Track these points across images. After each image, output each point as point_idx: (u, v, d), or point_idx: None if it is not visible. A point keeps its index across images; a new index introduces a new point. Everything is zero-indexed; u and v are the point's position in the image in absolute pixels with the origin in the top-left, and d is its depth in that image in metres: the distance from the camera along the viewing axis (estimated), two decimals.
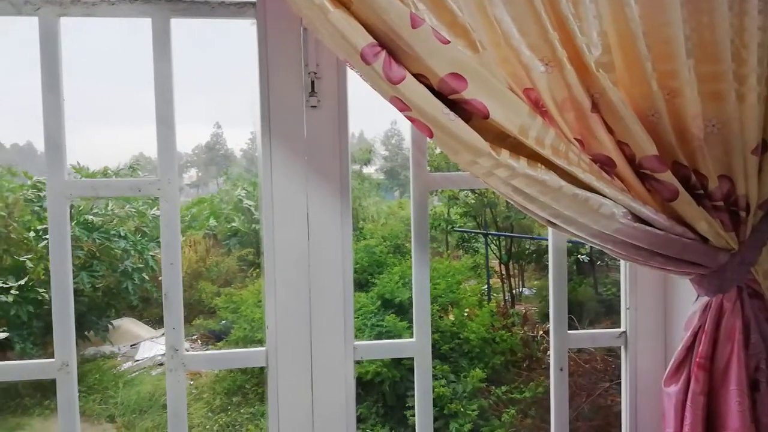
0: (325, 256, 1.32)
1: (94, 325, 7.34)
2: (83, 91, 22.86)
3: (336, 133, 1.31)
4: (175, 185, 1.29)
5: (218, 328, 8.53)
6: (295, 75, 1.29)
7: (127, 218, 8.31)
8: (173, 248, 1.29)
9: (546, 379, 5.86)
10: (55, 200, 1.25)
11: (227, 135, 38.35)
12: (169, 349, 1.30)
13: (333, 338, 1.32)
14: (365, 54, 0.96)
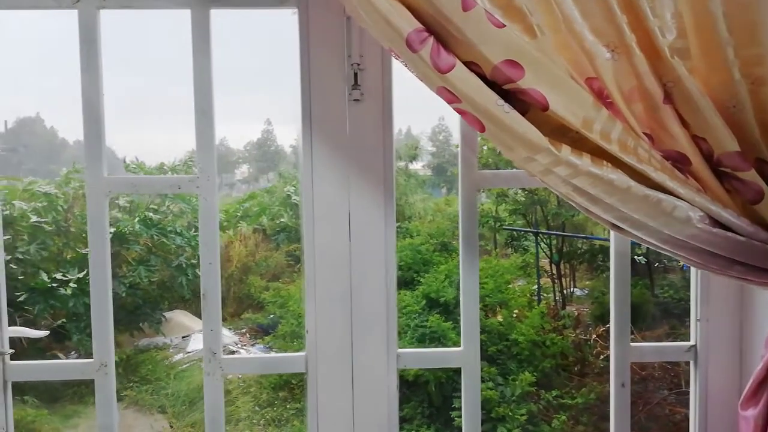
0: (367, 258, 1.25)
1: (148, 317, 7.56)
2: (141, 86, 23.58)
3: (380, 128, 1.24)
4: (213, 183, 1.24)
5: (266, 323, 8.63)
6: (338, 67, 1.22)
7: (182, 214, 8.52)
8: (212, 247, 1.25)
9: (599, 385, 5.64)
10: (93, 197, 1.23)
11: (278, 132, 38.98)
12: (207, 352, 1.26)
13: (375, 345, 1.25)
14: (411, 40, 0.88)
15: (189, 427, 5.75)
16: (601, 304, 8.39)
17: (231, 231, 11.28)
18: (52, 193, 7.51)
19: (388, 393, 1.26)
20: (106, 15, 1.24)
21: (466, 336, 1.28)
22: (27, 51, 39.91)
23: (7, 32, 31.65)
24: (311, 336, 1.25)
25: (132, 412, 6.21)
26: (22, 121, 33.77)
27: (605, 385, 5.68)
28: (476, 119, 0.92)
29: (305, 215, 1.25)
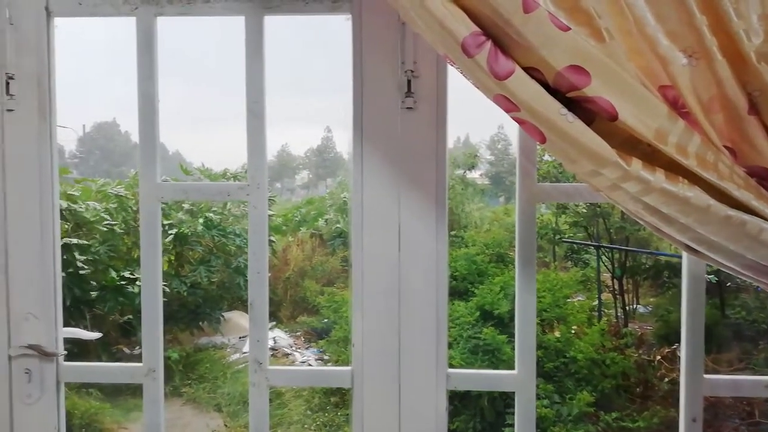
0: (417, 272, 1.20)
1: (207, 316, 7.78)
2: (208, 93, 24.08)
3: (433, 136, 1.19)
4: (264, 191, 1.23)
5: (320, 327, 8.71)
6: (391, 74, 1.18)
7: (242, 216, 8.74)
8: (261, 256, 1.23)
9: (663, 410, 5.33)
10: (146, 203, 1.24)
11: (337, 138, 39.57)
12: (252, 362, 1.24)
13: (424, 364, 1.20)
14: (467, 45, 0.82)
15: (243, 427, 5.85)
16: (667, 323, 7.97)
17: (289, 235, 11.49)
18: (122, 194, 7.86)
19: (437, 414, 1.20)
20: (167, 22, 1.25)
21: (521, 358, 1.20)
22: (106, 58, 41.66)
23: (88, 40, 33.40)
24: (357, 350, 1.21)
25: (190, 409, 6.37)
26: (99, 125, 35.59)
27: (669, 409, 5.37)
28: (536, 129, 0.86)
29: (354, 223, 1.21)
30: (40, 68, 1.22)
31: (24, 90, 1.22)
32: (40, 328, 1.24)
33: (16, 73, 1.22)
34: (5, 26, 1.21)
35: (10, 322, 1.24)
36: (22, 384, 1.24)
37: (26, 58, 1.22)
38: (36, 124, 1.22)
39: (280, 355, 8.10)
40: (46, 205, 1.23)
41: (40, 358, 1.23)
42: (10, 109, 1.22)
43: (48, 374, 1.24)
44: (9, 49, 1.21)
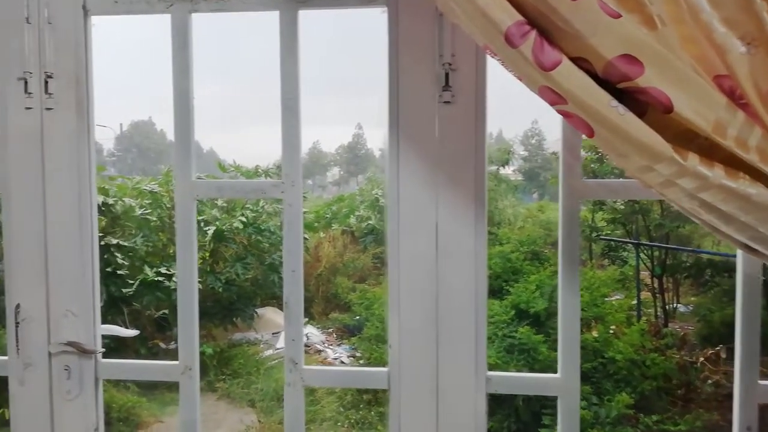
0: (455, 271, 1.16)
1: (241, 312, 7.87)
2: (238, 91, 24.18)
3: (471, 131, 1.15)
4: (298, 188, 1.21)
5: (352, 323, 8.73)
6: (428, 67, 1.15)
7: (275, 214, 8.82)
8: (296, 254, 1.22)
9: (706, 413, 5.15)
10: (182, 201, 1.24)
11: (368, 135, 39.50)
12: (288, 362, 1.23)
13: (463, 365, 1.16)
14: (511, 34, 0.78)
15: (277, 423, 5.90)
16: (709, 324, 7.71)
17: (321, 232, 11.54)
18: (156, 191, 8.02)
19: (476, 418, 1.17)
20: (201, 19, 1.24)
21: (564, 361, 1.16)
22: (143, 57, 42.71)
23: (125, 39, 34.15)
24: (394, 351, 1.18)
25: (224, 404, 6.46)
26: (135, 124, 36.42)
27: (713, 413, 5.18)
28: (584, 122, 0.81)
29: (390, 222, 1.19)
30: (77, 67, 1.23)
31: (62, 89, 1.23)
32: (79, 325, 1.25)
33: (55, 72, 1.23)
34: (43, 25, 1.22)
35: (50, 319, 1.25)
36: (61, 381, 1.25)
37: (64, 57, 1.23)
38: (74, 122, 1.23)
39: (312, 352, 8.15)
40: (85, 203, 1.24)
41: (80, 355, 1.24)
42: (49, 107, 1.23)
43: (87, 371, 1.25)
44: (47, 49, 1.22)
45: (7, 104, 1.24)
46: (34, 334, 1.25)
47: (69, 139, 1.23)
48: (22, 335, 1.24)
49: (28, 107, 1.23)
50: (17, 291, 1.25)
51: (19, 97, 1.23)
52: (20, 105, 1.23)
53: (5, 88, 1.24)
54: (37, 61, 1.22)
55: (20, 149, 1.24)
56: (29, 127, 1.24)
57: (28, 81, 1.22)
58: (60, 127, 1.23)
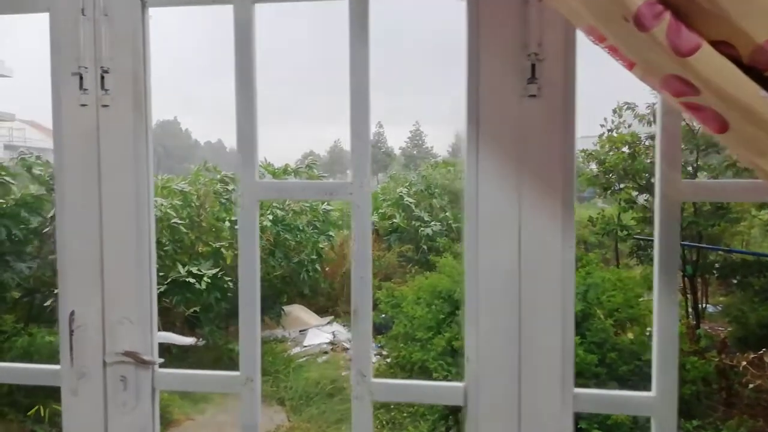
0: (540, 280, 1.07)
1: (269, 310, 7.86)
2: (264, 86, 24.63)
3: (559, 127, 1.06)
4: (368, 189, 1.13)
5: (379, 322, 8.66)
6: (511, 58, 1.06)
7: (301, 212, 8.79)
8: (364, 260, 1.14)
9: (750, 419, 4.96)
10: (247, 202, 1.17)
11: (388, 134, 39.33)
12: (356, 374, 1.15)
13: (547, 382, 1.07)
14: (642, 15, 0.69)
15: (306, 422, 5.86)
16: (743, 325, 7.48)
17: (345, 229, 11.50)
18: (185, 190, 8.03)
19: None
20: (260, 9, 1.17)
21: (660, 379, 1.06)
22: (168, 57, 43.34)
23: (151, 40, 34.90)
24: (472, 365, 1.09)
25: None
26: (162, 123, 36.93)
27: (758, 420, 4.99)
28: (717, 116, 0.71)
29: (468, 228, 1.10)
30: (135, 62, 1.16)
31: (119, 85, 1.16)
32: (136, 333, 1.19)
33: (111, 67, 1.16)
34: (99, 17, 1.15)
35: (105, 326, 1.19)
36: (117, 392, 1.19)
37: (121, 51, 1.16)
38: (131, 120, 1.17)
39: (339, 350, 8.11)
40: (143, 205, 1.17)
41: (136, 365, 1.18)
42: (105, 105, 1.17)
43: (143, 382, 1.19)
44: (104, 42, 1.15)
45: (61, 101, 1.18)
46: (88, 343, 1.19)
47: (126, 138, 1.17)
48: (76, 344, 1.18)
49: (83, 104, 1.17)
50: (72, 297, 1.19)
51: (73, 94, 1.17)
52: (75, 102, 1.17)
53: (59, 85, 1.18)
54: (92, 56, 1.16)
55: (75, 149, 1.18)
56: (84, 125, 1.17)
57: (83, 76, 1.16)
58: (116, 125, 1.17)
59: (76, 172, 1.18)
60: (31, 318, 6.20)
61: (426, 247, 11.00)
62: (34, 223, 6.32)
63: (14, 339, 5.16)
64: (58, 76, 1.18)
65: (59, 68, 1.17)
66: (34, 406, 5.07)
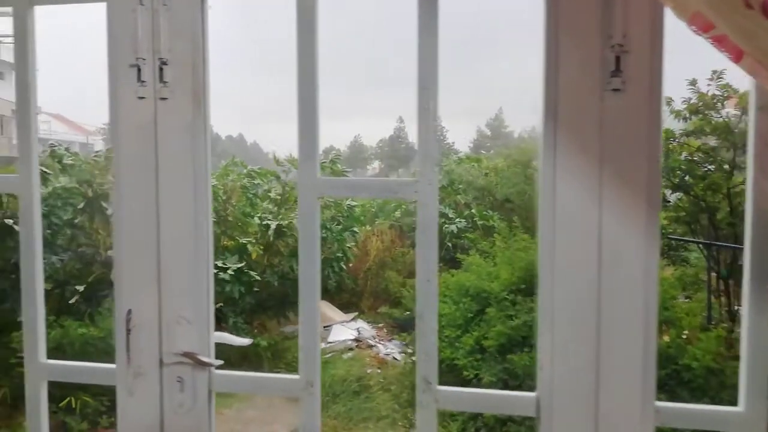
0: (620, 288, 1.01)
1: (294, 306, 7.85)
2: (285, 80, 24.92)
3: (644, 122, 0.99)
4: (434, 188, 1.08)
5: (403, 318, 8.63)
6: (593, 49, 1.00)
7: (324, 207, 8.77)
8: (430, 261, 1.08)
9: None
10: (306, 199, 1.12)
11: (410, 129, 39.32)
12: (421, 381, 1.10)
13: (627, 394, 1.01)
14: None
15: (332, 419, 5.84)
16: None
17: (368, 226, 11.47)
18: (214, 184, 8.06)
19: None
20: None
21: (749, 393, 0.99)
22: None
23: None
24: (546, 374, 1.04)
25: (279, 399, 6.45)
26: None
27: None
28: None
29: (543, 228, 1.04)
30: (195, 53, 1.12)
31: (178, 76, 1.13)
32: (193, 333, 1.15)
33: (170, 58, 1.12)
34: (158, 7, 1.12)
35: (162, 325, 1.16)
36: (173, 392, 1.16)
37: (180, 42, 1.12)
38: (190, 113, 1.13)
39: (364, 347, 8.08)
40: (201, 201, 1.14)
41: (194, 366, 1.15)
42: (163, 97, 1.13)
43: (200, 383, 1.16)
44: (162, 33, 1.12)
45: (118, 93, 1.15)
46: (145, 342, 1.16)
47: (184, 131, 1.13)
48: (133, 343, 1.15)
49: (141, 96, 1.14)
50: (128, 295, 1.16)
51: (131, 86, 1.14)
52: (132, 94, 1.14)
53: (116, 76, 1.14)
54: (150, 47, 1.13)
55: (132, 143, 1.15)
56: (142, 118, 1.14)
57: (141, 68, 1.13)
58: (175, 118, 1.13)
59: (132, 166, 1.15)
60: (62, 310, 6.28)
61: (451, 245, 10.92)
62: (65, 215, 6.39)
63: (47, 331, 5.22)
64: (115, 67, 1.14)
65: (117, 60, 1.14)
66: (66, 397, 5.13)
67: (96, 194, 5.78)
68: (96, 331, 5.25)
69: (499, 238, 7.84)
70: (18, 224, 1.16)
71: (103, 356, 5.32)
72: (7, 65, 22.81)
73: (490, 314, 5.65)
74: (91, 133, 30.54)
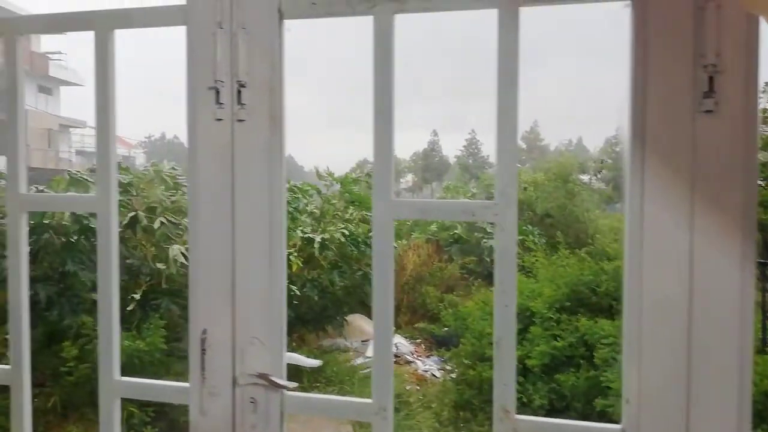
0: (714, 317, 0.96)
1: (332, 320, 7.87)
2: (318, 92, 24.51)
3: (740, 147, 0.95)
4: (514, 210, 1.05)
5: (441, 334, 8.54)
6: (684, 69, 0.96)
7: (364, 222, 8.79)
8: (509, 288, 1.06)
9: None
10: (380, 220, 1.11)
11: (443, 142, 39.19)
12: (498, 410, 1.07)
13: (720, 429, 0.96)
14: None
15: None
16: None
17: (404, 240, 11.44)
18: None
19: None
20: (400, 20, 1.12)
21: None
22: None
23: None
24: (632, 408, 0.99)
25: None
26: None
27: None
28: None
29: (629, 252, 1.00)
30: (272, 75, 1.13)
31: (256, 99, 1.14)
32: (265, 354, 1.15)
33: (248, 81, 1.14)
34: (237, 30, 1.13)
35: (235, 346, 1.16)
36: (246, 413, 1.16)
37: (258, 64, 1.14)
38: (267, 135, 1.14)
39: (402, 363, 8.02)
40: (276, 222, 1.14)
41: (267, 387, 1.14)
42: (240, 119, 1.14)
43: (273, 405, 1.15)
44: (241, 56, 1.13)
45: (196, 115, 1.16)
46: (218, 362, 1.16)
47: (261, 153, 1.14)
48: (207, 362, 1.16)
49: (219, 118, 1.15)
50: (204, 315, 1.17)
51: (209, 108, 1.15)
52: (210, 116, 1.15)
53: (195, 99, 1.16)
54: (228, 69, 1.14)
55: (209, 164, 1.16)
56: (219, 140, 1.15)
57: (219, 90, 1.14)
58: (252, 140, 1.14)
59: (209, 188, 1.16)
60: None
61: (489, 260, 10.80)
62: None
63: (96, 342, 5.33)
64: (194, 90, 1.16)
65: (195, 82, 1.16)
66: None
67: (142, 208, 5.92)
68: (143, 345, 5.34)
69: (541, 254, 7.71)
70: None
71: (149, 369, 5.40)
72: (56, 81, 23.86)
73: (533, 333, 5.54)
74: (133, 146, 31.50)
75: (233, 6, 1.14)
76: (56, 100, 25.07)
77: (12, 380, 1.32)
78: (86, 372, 5.25)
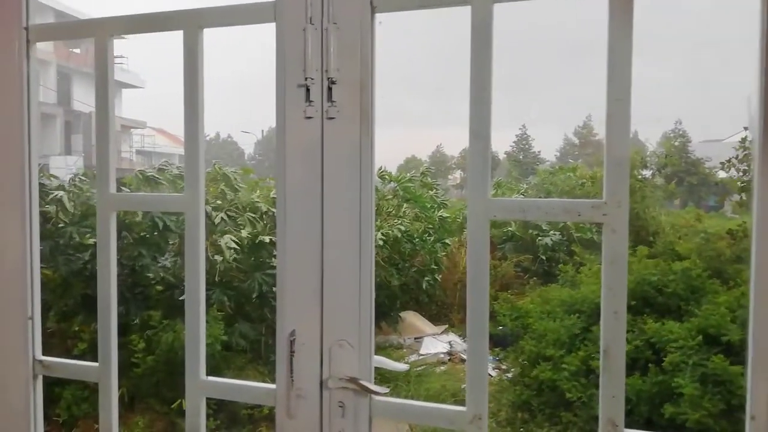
0: None
1: (386, 316, 7.87)
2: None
3: None
4: (625, 211, 0.98)
5: (496, 333, 8.41)
6: None
7: (416, 220, 8.74)
8: (619, 293, 0.99)
9: None
10: (475, 220, 1.07)
11: (493, 138, 38.82)
12: (605, 423, 1.00)
13: None
14: None
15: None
16: None
17: (456, 236, 11.31)
18: None
19: None
20: (498, 9, 1.06)
21: None
22: (265, 64, 46.07)
23: (262, 45, 37.17)
24: (760, 425, 0.91)
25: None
26: (273, 129, 39.03)
27: None
28: None
29: (758, 252, 0.92)
30: (363, 72, 1.10)
31: (346, 96, 1.11)
32: (354, 358, 1.12)
33: (339, 77, 1.11)
34: (328, 26, 1.11)
35: (323, 347, 1.13)
36: (334, 417, 1.13)
37: (349, 60, 1.10)
38: (357, 133, 1.11)
39: (456, 361, 7.94)
40: (366, 222, 1.11)
41: (355, 391, 1.11)
42: (330, 117, 1.11)
43: (361, 409, 1.13)
44: (332, 52, 1.10)
45: (286, 113, 1.14)
46: (306, 364, 1.14)
47: (351, 152, 1.11)
48: (295, 364, 1.14)
49: (309, 117, 1.12)
50: (292, 316, 1.15)
51: (299, 106, 1.13)
52: (300, 114, 1.13)
53: (285, 97, 1.14)
54: (319, 66, 1.11)
55: (299, 163, 1.14)
56: (309, 138, 1.13)
57: (309, 88, 1.12)
58: (342, 138, 1.11)
59: (298, 187, 1.14)
60: (171, 313, 6.60)
61: (544, 258, 10.55)
62: (168, 222, 6.69)
63: (161, 334, 5.49)
64: (283, 87, 1.14)
65: (285, 80, 1.14)
66: (177, 399, 5.38)
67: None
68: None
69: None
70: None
71: (209, 363, 5.53)
72: (118, 84, 24.87)
73: (596, 332, 5.35)
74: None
75: (324, 1, 1.11)
76: (118, 102, 26.19)
77: (100, 377, 1.34)
78: (152, 364, 5.41)
